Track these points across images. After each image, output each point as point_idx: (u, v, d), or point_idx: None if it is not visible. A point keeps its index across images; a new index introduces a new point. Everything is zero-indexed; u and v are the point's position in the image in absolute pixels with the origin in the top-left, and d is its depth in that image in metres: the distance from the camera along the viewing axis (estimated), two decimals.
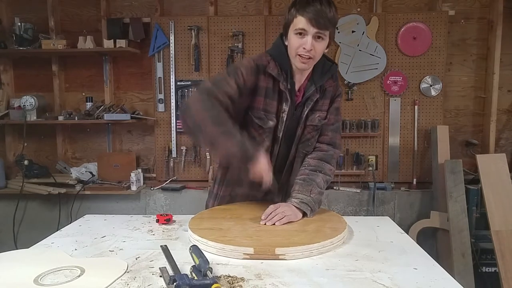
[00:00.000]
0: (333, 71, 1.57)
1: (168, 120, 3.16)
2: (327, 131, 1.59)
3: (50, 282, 1.04)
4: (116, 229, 1.51)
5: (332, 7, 1.40)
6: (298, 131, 1.54)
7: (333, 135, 1.60)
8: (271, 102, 1.48)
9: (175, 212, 2.11)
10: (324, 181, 1.53)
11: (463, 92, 3.14)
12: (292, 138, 1.55)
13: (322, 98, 1.56)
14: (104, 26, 3.15)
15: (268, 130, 1.51)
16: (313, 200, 1.46)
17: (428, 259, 1.20)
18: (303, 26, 1.38)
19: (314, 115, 1.54)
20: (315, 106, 1.54)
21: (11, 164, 3.30)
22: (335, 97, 1.60)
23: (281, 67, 1.48)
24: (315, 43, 1.40)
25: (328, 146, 1.60)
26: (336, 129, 1.62)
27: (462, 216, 2.70)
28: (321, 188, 1.51)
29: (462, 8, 3.06)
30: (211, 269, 1.03)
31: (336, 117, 1.61)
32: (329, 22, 1.39)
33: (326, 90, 1.56)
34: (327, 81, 1.55)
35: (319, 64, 1.52)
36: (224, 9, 3.20)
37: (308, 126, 1.55)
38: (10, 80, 3.33)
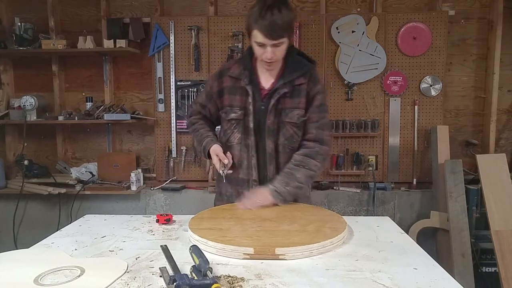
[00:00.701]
0: (306, 69, 1.67)
1: (168, 120, 3.16)
2: (311, 128, 1.69)
3: (50, 282, 1.04)
4: (116, 229, 1.51)
5: (283, 10, 1.50)
6: (268, 122, 1.66)
7: (318, 132, 1.68)
8: (234, 97, 1.68)
9: (175, 212, 2.10)
10: (306, 176, 1.63)
11: (463, 92, 3.14)
12: (264, 130, 1.68)
13: (294, 96, 1.66)
14: (104, 26, 3.15)
15: (235, 122, 1.69)
16: (288, 192, 1.60)
17: (428, 259, 1.20)
18: (261, 40, 1.52)
19: (292, 112, 1.66)
20: (289, 103, 1.65)
21: (11, 164, 3.30)
22: (314, 95, 1.68)
23: (244, 67, 1.67)
24: (275, 50, 1.54)
25: (314, 143, 1.68)
26: (321, 126, 1.69)
27: (462, 216, 2.70)
28: (301, 182, 1.62)
29: (462, 8, 3.06)
30: (211, 269, 1.03)
31: (319, 114, 1.69)
32: (283, 29, 1.51)
33: (296, 87, 1.66)
34: (297, 78, 1.65)
35: (291, 62, 1.67)
36: (224, 9, 3.20)
37: (288, 123, 1.67)
38: (10, 80, 3.33)
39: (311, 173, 1.65)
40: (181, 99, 3.13)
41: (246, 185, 1.72)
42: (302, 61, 1.69)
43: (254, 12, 1.52)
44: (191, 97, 3.12)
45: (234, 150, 1.72)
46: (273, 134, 1.68)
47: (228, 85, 1.70)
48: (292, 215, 1.51)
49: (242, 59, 1.74)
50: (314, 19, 3.03)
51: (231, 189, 1.77)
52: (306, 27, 3.03)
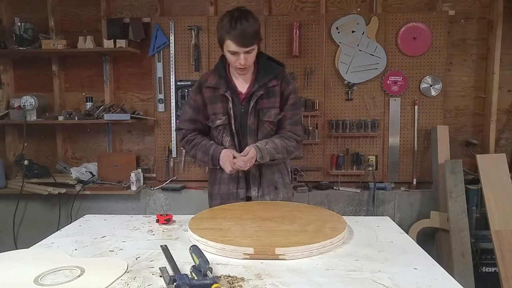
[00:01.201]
0: (277, 72, 1.84)
1: (168, 120, 3.16)
2: (286, 125, 1.88)
3: (50, 282, 1.04)
4: (116, 229, 1.51)
5: (250, 20, 1.69)
6: (248, 123, 1.83)
7: (291, 128, 1.88)
8: (216, 105, 1.84)
9: (175, 212, 2.10)
10: (282, 145, 1.83)
11: (463, 92, 3.14)
12: (246, 130, 1.85)
13: (270, 97, 1.83)
14: (104, 26, 3.15)
15: (222, 127, 1.85)
16: (266, 150, 1.78)
17: (428, 259, 1.20)
18: (234, 49, 1.70)
19: (269, 112, 1.84)
20: (266, 104, 1.82)
21: (11, 164, 3.30)
22: (288, 94, 1.86)
23: (220, 76, 1.83)
24: (247, 56, 1.72)
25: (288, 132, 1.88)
26: (294, 122, 1.89)
27: (462, 216, 2.70)
28: (277, 147, 1.82)
29: (462, 8, 3.06)
30: (211, 269, 1.03)
31: (292, 112, 1.88)
32: (253, 37, 1.70)
33: (270, 89, 1.83)
34: (270, 81, 1.82)
35: (262, 67, 1.84)
36: (224, 9, 3.20)
37: (266, 122, 1.84)
38: (10, 80, 3.33)
39: (286, 146, 1.85)
40: (181, 99, 3.13)
41: (236, 182, 1.89)
42: (272, 65, 1.86)
43: (224, 25, 1.69)
44: None
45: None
46: (254, 133, 1.85)
47: (208, 95, 1.86)
48: (292, 215, 1.51)
49: (216, 69, 1.88)
50: (314, 19, 3.03)
51: (226, 188, 1.91)
52: (306, 27, 3.03)
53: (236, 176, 1.88)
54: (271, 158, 1.81)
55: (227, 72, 1.86)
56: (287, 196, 1.94)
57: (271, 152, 1.80)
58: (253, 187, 1.89)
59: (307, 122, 3.05)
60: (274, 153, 1.81)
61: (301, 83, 3.06)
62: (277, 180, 1.92)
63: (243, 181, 1.89)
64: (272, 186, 1.91)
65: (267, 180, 1.90)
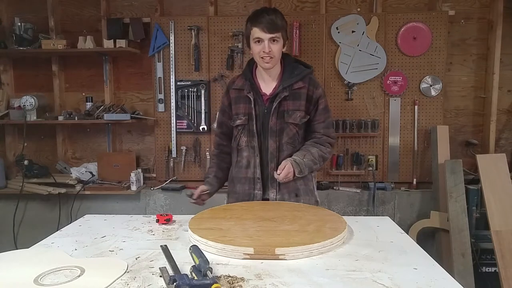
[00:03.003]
0: (304, 74, 1.84)
1: (168, 120, 3.16)
2: (319, 128, 1.87)
3: (50, 282, 1.04)
4: (116, 229, 1.51)
5: (278, 15, 1.77)
6: (270, 123, 1.82)
7: (325, 131, 1.87)
8: (239, 105, 1.88)
9: (175, 212, 2.10)
10: (318, 154, 1.82)
11: (463, 92, 3.14)
12: (268, 131, 1.84)
13: (295, 99, 1.82)
14: (104, 26, 3.15)
15: (241, 127, 1.87)
16: (304, 163, 1.76)
17: (428, 259, 1.20)
18: (259, 35, 1.75)
19: (294, 114, 1.82)
20: (291, 106, 1.82)
21: (11, 164, 3.30)
22: (318, 98, 1.85)
23: (246, 78, 1.88)
24: (271, 45, 1.75)
25: (322, 135, 1.87)
26: (327, 125, 1.89)
27: (462, 216, 2.70)
28: (314, 158, 1.80)
29: (462, 8, 3.06)
30: (211, 269, 1.03)
31: (325, 115, 1.87)
32: (279, 26, 1.75)
33: (296, 91, 1.82)
34: (296, 82, 1.82)
35: (288, 68, 1.86)
36: (224, 9, 3.20)
37: (291, 124, 1.83)
38: (10, 80, 3.33)
39: (322, 153, 1.83)
40: (181, 99, 3.13)
41: (253, 183, 1.86)
42: (299, 67, 1.87)
43: (252, 15, 1.79)
44: (191, 97, 3.12)
45: (243, 152, 1.89)
46: (276, 134, 1.83)
47: (233, 96, 1.91)
48: (292, 215, 1.51)
49: (243, 72, 1.93)
50: (314, 19, 3.03)
51: (242, 188, 1.89)
52: (306, 27, 3.02)
53: (253, 177, 1.85)
54: (310, 171, 1.81)
55: (253, 74, 1.90)
56: (309, 204, 1.82)
57: (309, 165, 1.78)
58: (271, 189, 1.84)
59: None
60: (312, 165, 1.79)
61: None
62: (299, 187, 1.85)
63: (260, 182, 1.85)
64: (293, 193, 1.84)
65: (289, 186, 1.83)
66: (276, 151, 1.82)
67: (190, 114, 3.14)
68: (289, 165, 1.74)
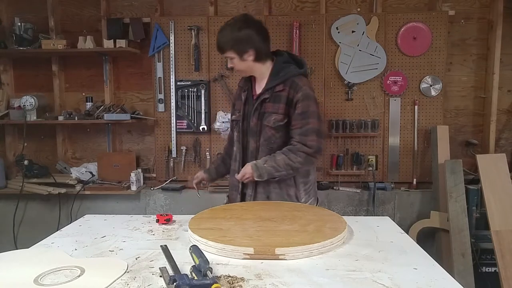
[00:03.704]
0: (287, 77, 1.80)
1: (168, 120, 3.16)
2: (294, 134, 1.78)
3: (50, 282, 1.04)
4: (116, 229, 1.51)
5: (225, 32, 1.78)
6: (251, 123, 1.85)
7: (301, 138, 1.76)
8: (238, 102, 1.95)
9: (175, 212, 2.10)
10: (285, 162, 1.74)
11: (463, 92, 3.14)
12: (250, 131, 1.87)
13: (275, 101, 1.80)
14: (104, 26, 3.15)
15: (235, 122, 1.94)
16: (264, 168, 1.75)
17: (428, 259, 1.20)
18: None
19: (270, 117, 1.80)
20: (270, 108, 1.80)
21: (11, 164, 3.30)
22: (296, 102, 1.76)
23: (247, 78, 1.94)
24: (230, 61, 1.84)
25: (298, 143, 1.77)
26: (304, 132, 1.76)
27: (462, 216, 2.70)
28: (278, 165, 1.74)
29: (462, 8, 3.06)
30: (211, 269, 1.03)
31: (302, 121, 1.76)
32: (223, 47, 1.79)
33: (277, 94, 1.79)
34: (277, 85, 1.79)
35: (275, 70, 1.83)
36: (224, 9, 3.20)
37: (266, 126, 1.81)
38: (10, 80, 3.33)
39: (290, 162, 1.75)
40: (181, 99, 3.13)
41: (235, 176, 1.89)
42: (287, 67, 1.83)
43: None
44: (191, 97, 3.12)
45: (234, 146, 1.95)
46: (256, 134, 1.84)
47: (237, 93, 2.01)
48: (292, 215, 1.51)
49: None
50: (314, 19, 3.03)
51: (231, 179, 1.98)
52: (306, 27, 3.02)
53: (237, 170, 1.88)
54: (270, 177, 1.76)
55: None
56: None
57: (269, 171, 1.74)
58: (249, 186, 1.86)
59: None
60: (273, 172, 1.75)
61: None
62: (272, 190, 1.82)
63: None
64: (264, 195, 1.84)
65: (263, 187, 1.83)
66: (255, 151, 1.84)
67: (190, 114, 3.14)
68: (249, 167, 1.76)
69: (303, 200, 1.85)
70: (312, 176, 1.93)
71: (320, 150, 1.78)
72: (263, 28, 1.85)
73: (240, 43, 1.77)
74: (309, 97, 1.77)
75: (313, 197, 1.92)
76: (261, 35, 1.80)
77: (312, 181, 1.92)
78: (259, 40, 1.78)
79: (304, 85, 1.78)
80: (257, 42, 1.78)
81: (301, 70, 1.83)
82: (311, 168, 1.90)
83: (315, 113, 1.77)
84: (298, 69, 1.83)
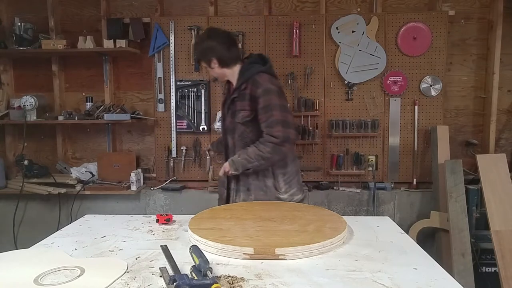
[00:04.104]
0: (248, 76, 1.94)
1: (168, 120, 3.16)
2: (262, 128, 1.91)
3: (50, 282, 1.04)
4: (116, 229, 1.51)
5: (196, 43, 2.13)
6: (226, 122, 2.06)
7: (267, 130, 1.88)
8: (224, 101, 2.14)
9: (175, 212, 2.10)
10: (255, 153, 1.88)
11: (463, 92, 3.14)
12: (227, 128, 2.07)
13: (242, 99, 1.94)
14: (104, 26, 3.15)
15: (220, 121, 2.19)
16: (239, 161, 1.91)
17: (428, 259, 1.20)
18: None
19: (239, 114, 1.95)
20: (239, 106, 1.95)
21: (11, 164, 3.30)
22: (257, 98, 1.90)
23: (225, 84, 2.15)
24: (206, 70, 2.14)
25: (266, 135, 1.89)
26: (270, 124, 1.88)
27: (462, 216, 2.70)
28: (250, 157, 1.89)
29: (462, 8, 3.06)
30: (211, 269, 1.03)
31: (266, 114, 1.88)
32: (198, 58, 2.08)
33: (242, 92, 1.94)
34: (242, 84, 1.95)
35: (242, 71, 2.00)
36: (224, 9, 3.20)
37: (238, 123, 1.97)
38: (10, 80, 3.33)
39: (260, 152, 1.87)
40: (181, 99, 3.13)
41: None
42: (250, 68, 1.97)
43: None
44: (191, 97, 3.12)
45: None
46: (231, 132, 2.03)
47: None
48: (292, 215, 1.51)
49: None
50: (314, 19, 3.03)
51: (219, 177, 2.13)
52: (306, 27, 3.02)
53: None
54: (244, 168, 1.91)
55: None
56: (263, 199, 1.94)
57: (243, 163, 1.90)
58: (232, 180, 2.02)
59: (307, 122, 3.05)
60: (246, 164, 1.89)
61: (301, 83, 3.06)
62: (251, 182, 1.96)
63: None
64: (245, 187, 1.98)
65: (242, 180, 1.99)
66: (233, 147, 2.02)
67: (190, 114, 3.14)
68: (226, 163, 1.95)
69: (283, 190, 1.97)
70: (291, 167, 2.02)
71: (287, 139, 1.88)
72: (227, 37, 2.03)
73: (205, 54, 2.01)
74: (269, 91, 1.89)
75: (295, 187, 2.01)
76: (224, 44, 1.98)
77: (291, 172, 2.02)
78: (222, 49, 1.97)
79: (264, 81, 1.91)
80: (219, 50, 1.97)
81: (262, 68, 1.97)
82: (289, 160, 2.00)
83: (277, 106, 1.87)
84: (261, 67, 1.97)
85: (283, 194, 1.96)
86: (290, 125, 1.90)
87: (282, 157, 1.93)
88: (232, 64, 2.01)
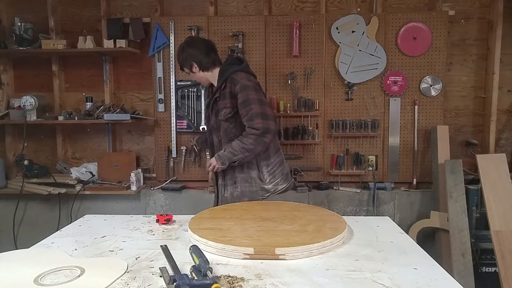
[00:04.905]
0: (226, 76, 2.10)
1: (168, 120, 3.16)
2: (245, 122, 2.04)
3: (50, 282, 1.04)
4: (116, 229, 1.51)
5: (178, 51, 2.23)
6: (211, 122, 2.20)
7: (248, 123, 2.02)
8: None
9: (175, 212, 2.10)
10: (239, 146, 2.02)
11: (463, 92, 3.14)
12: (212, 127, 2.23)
13: (223, 98, 2.10)
14: (104, 26, 3.14)
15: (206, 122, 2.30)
16: (225, 155, 2.05)
17: (428, 259, 1.20)
18: None
19: (221, 111, 2.10)
20: (221, 105, 2.10)
21: (11, 164, 3.30)
22: (236, 94, 2.04)
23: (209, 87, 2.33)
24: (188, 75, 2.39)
25: (248, 129, 2.03)
26: (250, 118, 2.01)
27: (462, 216, 2.70)
28: (234, 150, 2.03)
29: (462, 8, 3.06)
30: (211, 269, 1.03)
31: (245, 109, 2.02)
32: (180, 62, 2.23)
33: (223, 91, 2.10)
34: (222, 84, 2.11)
35: (220, 72, 2.16)
36: (224, 9, 3.20)
37: (221, 121, 2.11)
38: (10, 80, 3.33)
39: (243, 145, 2.01)
40: (181, 99, 3.13)
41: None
42: (228, 69, 2.12)
43: None
44: (191, 97, 3.12)
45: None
46: (216, 130, 2.17)
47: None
48: (292, 215, 1.51)
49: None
50: (314, 19, 3.03)
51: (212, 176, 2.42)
52: (306, 27, 3.02)
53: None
54: (230, 161, 2.04)
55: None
56: (249, 190, 2.11)
57: (228, 156, 2.04)
58: (220, 176, 2.19)
59: (307, 122, 3.05)
60: (231, 157, 2.03)
61: (301, 83, 3.06)
62: (237, 175, 2.12)
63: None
64: (232, 180, 2.14)
65: (229, 174, 2.15)
66: (219, 144, 2.17)
67: (190, 114, 3.14)
68: (213, 159, 2.09)
69: (268, 180, 2.13)
70: (274, 158, 2.17)
71: (268, 130, 1.99)
72: (205, 44, 2.21)
73: (185, 61, 2.19)
74: (246, 87, 2.03)
75: (279, 177, 2.16)
76: (201, 50, 2.16)
77: (274, 163, 2.17)
78: (200, 54, 2.15)
79: (241, 79, 2.06)
80: (197, 56, 2.15)
81: (238, 67, 2.12)
82: (271, 151, 2.14)
83: (255, 100, 2.01)
84: (237, 67, 2.12)
85: (267, 185, 2.12)
86: (269, 117, 2.01)
87: (264, 148, 2.04)
88: (212, 67, 2.18)
